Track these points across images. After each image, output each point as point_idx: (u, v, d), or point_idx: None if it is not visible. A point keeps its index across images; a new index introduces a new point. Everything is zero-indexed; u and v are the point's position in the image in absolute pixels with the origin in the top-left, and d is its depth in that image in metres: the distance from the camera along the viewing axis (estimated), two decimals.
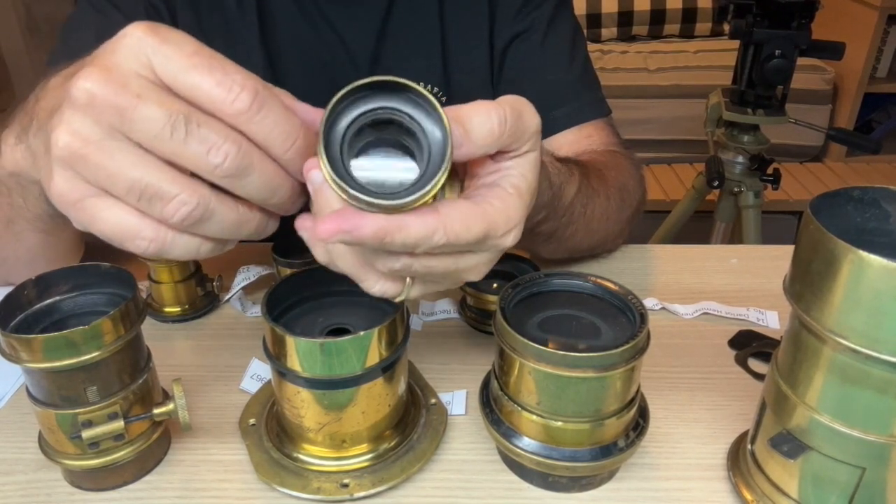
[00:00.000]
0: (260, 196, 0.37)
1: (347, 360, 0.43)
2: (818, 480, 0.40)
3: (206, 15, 0.74)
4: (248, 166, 0.35)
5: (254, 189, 0.36)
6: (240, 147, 0.35)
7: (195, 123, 0.34)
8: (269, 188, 0.37)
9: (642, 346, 0.43)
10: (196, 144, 0.34)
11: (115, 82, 0.34)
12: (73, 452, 0.45)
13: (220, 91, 0.34)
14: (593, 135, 0.77)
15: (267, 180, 0.36)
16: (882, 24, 2.45)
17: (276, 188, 0.37)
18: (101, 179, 0.35)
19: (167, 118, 0.34)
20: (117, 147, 0.35)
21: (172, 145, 0.34)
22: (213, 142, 0.34)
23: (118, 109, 0.34)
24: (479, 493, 0.46)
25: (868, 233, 0.40)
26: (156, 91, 0.34)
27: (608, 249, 0.74)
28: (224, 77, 0.34)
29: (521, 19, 0.78)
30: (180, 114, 0.34)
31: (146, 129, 0.34)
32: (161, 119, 0.34)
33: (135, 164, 0.35)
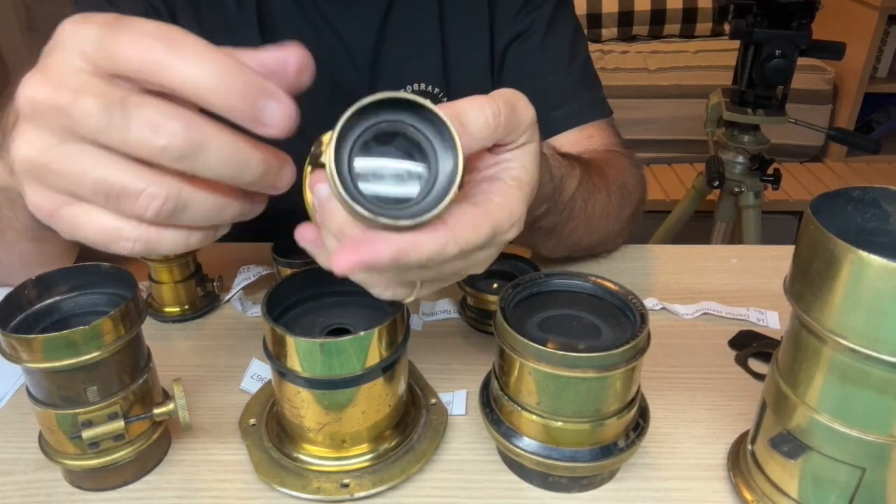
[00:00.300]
0: (228, 174, 0.33)
1: (347, 360, 0.43)
2: (818, 481, 0.40)
3: (206, 15, 0.74)
4: (200, 142, 0.32)
5: (217, 168, 0.33)
6: (186, 123, 0.31)
7: (133, 106, 0.31)
8: (234, 164, 0.33)
9: (642, 346, 0.43)
10: (138, 129, 0.31)
11: (51, 83, 0.32)
12: (73, 452, 0.45)
13: (131, 48, 0.31)
14: (594, 135, 0.77)
15: (227, 155, 0.32)
16: (882, 24, 2.45)
17: (242, 163, 0.33)
18: (67, 186, 0.34)
19: (104, 107, 0.31)
20: (75, 150, 0.33)
21: (115, 135, 0.32)
22: (156, 122, 0.31)
23: (59, 110, 0.32)
24: (479, 493, 0.46)
25: (868, 233, 0.40)
26: (95, 82, 0.32)
27: (608, 249, 0.74)
28: (132, 33, 0.31)
29: (521, 19, 0.78)
30: (116, 99, 0.31)
31: (89, 125, 0.32)
32: (97, 109, 0.31)
33: (94, 164, 0.33)
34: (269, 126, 0.32)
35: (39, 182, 0.34)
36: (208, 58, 0.31)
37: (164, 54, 0.31)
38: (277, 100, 0.32)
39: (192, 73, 0.31)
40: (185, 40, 0.31)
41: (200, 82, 0.31)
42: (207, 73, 0.31)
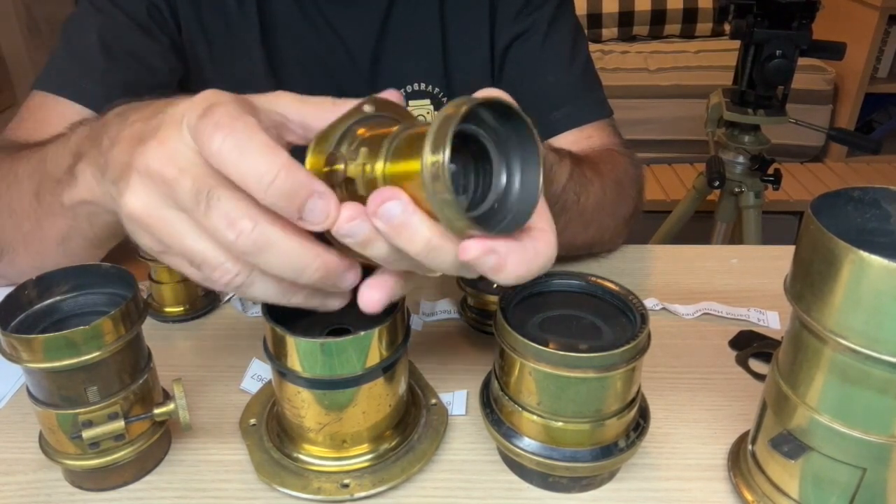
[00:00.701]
0: (288, 275, 0.36)
1: (348, 361, 0.43)
2: (819, 481, 0.40)
3: (207, 14, 0.74)
4: (265, 244, 0.35)
5: (277, 268, 0.36)
6: (255, 223, 0.34)
7: (216, 197, 0.35)
8: (292, 268, 0.36)
9: (643, 346, 0.43)
10: (217, 219, 0.35)
11: (165, 156, 0.36)
12: (73, 452, 0.45)
13: (203, 136, 0.34)
14: (594, 136, 0.77)
15: (287, 260, 0.35)
16: (883, 24, 2.45)
17: (301, 268, 0.36)
18: (165, 243, 0.38)
19: (195, 193, 0.35)
20: (173, 217, 0.37)
21: (200, 217, 0.35)
22: (231, 217, 0.35)
23: (166, 182, 0.36)
24: (479, 493, 0.46)
25: (868, 233, 0.40)
26: (197, 165, 0.35)
27: (607, 248, 0.73)
28: (206, 122, 0.34)
29: (521, 20, 0.78)
30: (206, 187, 0.35)
31: (183, 203, 0.36)
32: (190, 193, 0.35)
33: (185, 235, 0.36)
34: (308, 223, 0.35)
35: (146, 232, 0.38)
36: (259, 154, 0.34)
37: (224, 146, 0.34)
38: (322, 199, 0.34)
39: (245, 169, 0.34)
40: (244, 133, 0.34)
41: (250, 180, 0.34)
42: (255, 169, 0.34)
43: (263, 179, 0.33)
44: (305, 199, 0.34)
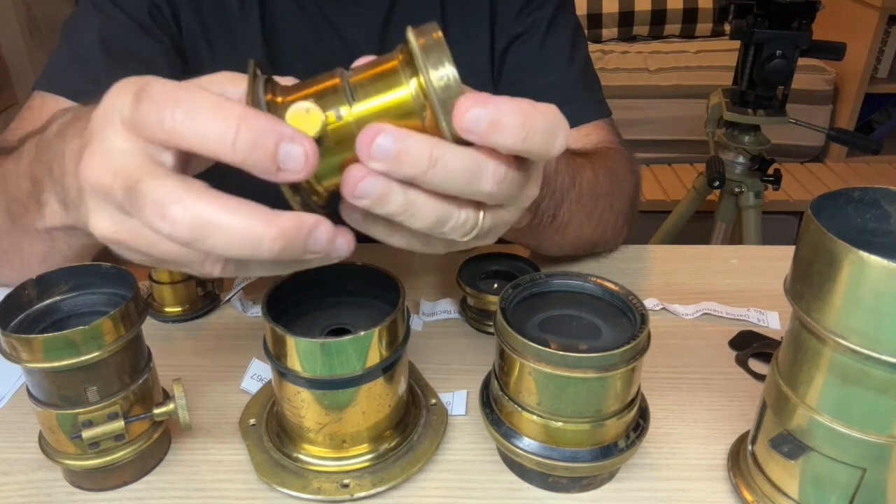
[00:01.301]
0: (244, 253, 0.32)
1: (348, 360, 0.43)
2: (818, 481, 0.40)
3: (208, 14, 0.74)
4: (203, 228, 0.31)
5: (229, 248, 0.31)
6: (185, 207, 0.31)
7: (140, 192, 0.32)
8: (245, 244, 0.31)
9: (643, 346, 0.43)
10: (149, 214, 0.32)
11: (98, 164, 0.33)
12: (73, 452, 0.45)
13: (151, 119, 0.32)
14: (592, 134, 0.77)
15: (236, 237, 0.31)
16: (883, 24, 2.45)
17: (254, 242, 0.31)
18: (146, 254, 0.35)
19: (125, 194, 0.32)
20: (137, 225, 0.34)
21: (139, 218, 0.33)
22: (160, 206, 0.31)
23: (107, 192, 0.33)
24: (479, 493, 0.46)
25: (868, 233, 0.40)
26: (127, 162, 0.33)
27: (609, 247, 0.73)
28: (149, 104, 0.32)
29: (521, 20, 0.78)
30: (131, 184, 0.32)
31: (123, 208, 0.33)
32: (122, 196, 0.33)
33: (155, 241, 0.34)
34: (289, 172, 0.31)
35: (125, 249, 0.36)
36: (211, 112, 0.31)
37: (174, 120, 0.31)
38: (294, 142, 0.31)
39: (203, 133, 0.31)
40: (190, 98, 0.31)
41: (212, 144, 0.31)
42: (217, 131, 0.30)
43: (226, 138, 0.30)
44: (276, 146, 0.30)
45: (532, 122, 0.33)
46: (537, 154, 0.34)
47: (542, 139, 0.34)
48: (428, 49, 0.33)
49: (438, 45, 0.33)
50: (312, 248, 0.33)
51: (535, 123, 0.33)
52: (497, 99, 0.32)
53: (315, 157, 0.31)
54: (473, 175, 0.34)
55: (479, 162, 0.34)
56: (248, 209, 0.31)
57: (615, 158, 0.73)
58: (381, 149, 0.32)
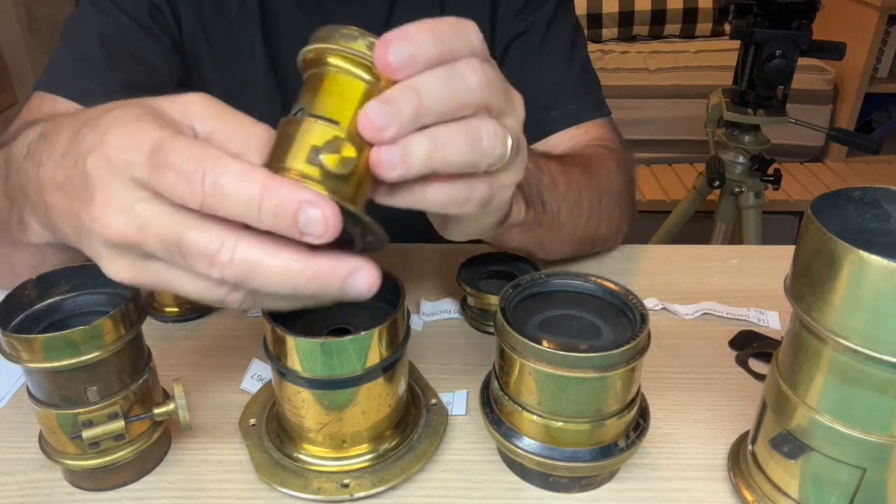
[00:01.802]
0: (284, 293, 0.34)
1: (348, 360, 0.43)
2: (819, 481, 0.40)
3: (209, 15, 0.74)
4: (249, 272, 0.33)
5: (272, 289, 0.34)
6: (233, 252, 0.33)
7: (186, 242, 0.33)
8: (284, 286, 0.33)
9: (643, 346, 0.43)
10: (196, 262, 0.33)
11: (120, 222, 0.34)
12: (73, 452, 0.45)
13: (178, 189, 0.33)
14: (591, 132, 0.77)
15: (277, 279, 0.33)
16: (883, 24, 2.45)
17: (293, 284, 0.33)
18: (167, 288, 0.36)
19: (164, 247, 0.34)
20: (160, 267, 0.35)
21: (181, 266, 0.34)
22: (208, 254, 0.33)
23: (133, 245, 0.34)
24: (479, 493, 0.46)
25: (868, 233, 0.40)
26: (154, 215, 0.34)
27: (606, 243, 0.73)
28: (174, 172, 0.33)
29: (522, 19, 0.78)
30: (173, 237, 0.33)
31: (159, 255, 0.34)
32: (160, 248, 0.34)
33: (177, 279, 0.35)
34: (311, 237, 0.32)
35: (146, 287, 0.37)
36: (237, 179, 0.32)
37: (205, 189, 0.32)
38: (314, 207, 0.32)
39: (230, 205, 0.32)
40: (218, 165, 0.32)
41: (238, 211, 0.32)
42: (242, 201, 0.32)
43: (252, 206, 0.32)
44: (297, 213, 0.32)
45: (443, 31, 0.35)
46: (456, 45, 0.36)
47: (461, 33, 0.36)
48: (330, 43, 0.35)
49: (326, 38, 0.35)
50: (348, 291, 0.34)
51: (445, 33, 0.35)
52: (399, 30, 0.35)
53: (337, 220, 0.32)
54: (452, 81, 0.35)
55: (451, 71, 0.35)
56: (291, 250, 0.33)
57: (594, 156, 0.72)
58: (376, 114, 0.33)
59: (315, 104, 0.35)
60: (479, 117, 0.36)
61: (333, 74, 0.35)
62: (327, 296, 0.35)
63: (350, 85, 0.35)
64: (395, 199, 0.37)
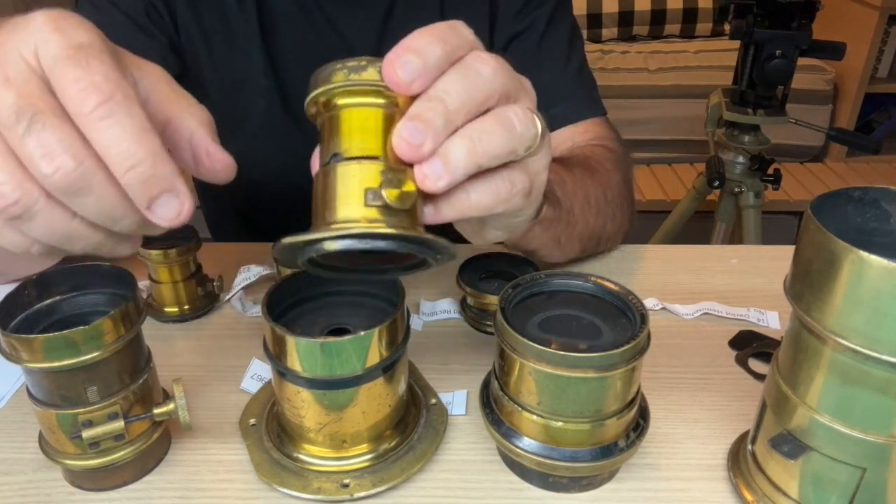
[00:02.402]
0: (99, 221, 0.33)
1: (348, 360, 0.43)
2: (818, 481, 0.40)
3: (206, 14, 0.74)
4: (84, 187, 0.32)
5: (91, 213, 0.33)
6: (79, 164, 0.31)
7: (40, 124, 0.31)
8: (108, 216, 0.33)
9: (643, 346, 0.43)
10: (33, 145, 0.31)
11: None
12: (73, 452, 0.45)
13: (73, 88, 0.31)
14: (589, 130, 0.77)
15: (105, 207, 0.33)
16: (882, 24, 2.45)
17: (117, 217, 0.33)
18: None
19: (16, 108, 0.31)
20: None
21: (12, 137, 0.32)
22: (51, 149, 0.31)
23: None
24: (479, 493, 0.46)
25: (868, 233, 0.40)
26: (29, 80, 0.32)
27: (611, 242, 0.73)
28: (84, 73, 0.31)
29: (520, 19, 0.78)
30: (31, 108, 0.31)
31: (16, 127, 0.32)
32: (11, 107, 0.31)
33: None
34: (156, 216, 0.33)
35: None
36: (133, 134, 0.31)
37: (97, 111, 0.31)
38: (178, 198, 0.33)
39: (112, 140, 0.31)
40: (124, 107, 0.31)
41: (113, 152, 0.31)
42: (124, 148, 0.31)
43: (128, 160, 0.31)
44: (161, 193, 0.32)
45: (441, 33, 0.36)
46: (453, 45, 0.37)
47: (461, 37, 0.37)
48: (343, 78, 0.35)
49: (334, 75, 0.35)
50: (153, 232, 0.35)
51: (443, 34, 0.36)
52: (399, 46, 0.35)
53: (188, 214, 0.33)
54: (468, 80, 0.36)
55: (463, 68, 0.36)
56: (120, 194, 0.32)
57: (592, 155, 0.72)
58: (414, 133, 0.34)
59: (344, 147, 0.35)
60: (502, 104, 0.37)
61: (350, 111, 0.35)
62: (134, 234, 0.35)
63: (371, 116, 0.35)
64: (441, 215, 0.37)
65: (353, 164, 0.34)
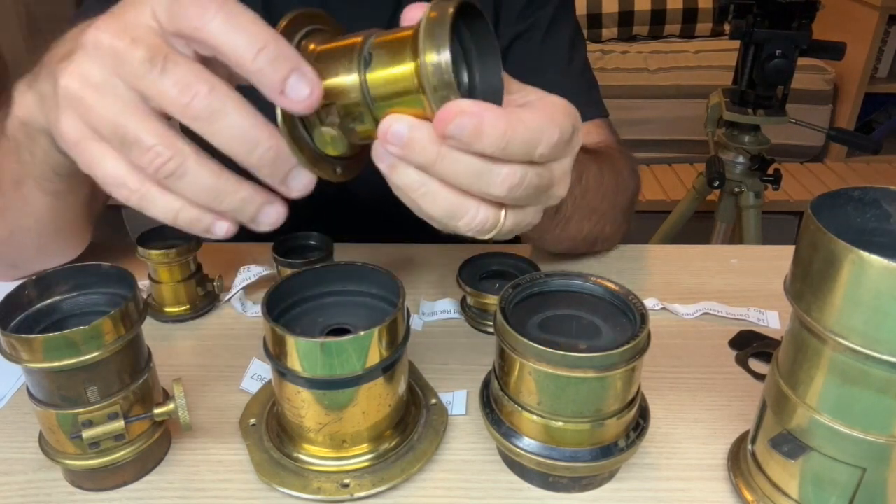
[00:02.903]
0: (238, 148, 0.35)
1: (348, 360, 0.43)
2: (818, 481, 0.40)
3: None
4: (220, 108, 0.34)
5: (230, 138, 0.35)
6: (212, 87, 0.34)
7: (172, 63, 0.35)
8: (246, 139, 0.35)
9: (643, 346, 0.43)
10: (169, 83, 0.34)
11: (119, 28, 0.36)
12: (73, 452, 0.45)
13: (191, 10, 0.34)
14: (592, 132, 0.77)
15: (241, 128, 0.35)
16: (882, 24, 2.45)
17: (254, 141, 0.35)
18: (94, 121, 0.36)
19: (148, 58, 0.35)
20: (112, 91, 0.36)
21: (148, 83, 0.35)
22: (186, 81, 0.34)
23: (115, 52, 0.35)
24: (479, 493, 0.46)
25: (868, 233, 0.40)
26: (154, 36, 0.35)
27: (608, 243, 0.73)
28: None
29: (523, 19, 0.78)
30: (161, 54, 0.35)
31: (132, 70, 0.35)
32: (142, 58, 0.35)
33: (122, 110, 0.36)
34: (291, 100, 0.34)
35: (74, 111, 0.37)
36: (251, 25, 0.34)
37: (216, 17, 0.34)
38: (306, 76, 0.34)
39: (235, 38, 0.34)
40: (236, 8, 0.34)
41: (237, 44, 0.34)
42: (246, 37, 0.34)
43: (253, 46, 0.34)
44: (290, 72, 0.34)
45: (513, 131, 0.35)
46: (521, 158, 0.36)
47: (523, 147, 0.36)
48: (432, 27, 0.34)
49: (441, 25, 0.33)
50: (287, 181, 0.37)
51: (515, 133, 0.35)
52: (481, 108, 0.34)
53: (319, 97, 0.35)
54: (481, 177, 0.36)
55: (484, 166, 0.36)
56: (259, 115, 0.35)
57: (619, 159, 0.73)
58: (395, 135, 0.35)
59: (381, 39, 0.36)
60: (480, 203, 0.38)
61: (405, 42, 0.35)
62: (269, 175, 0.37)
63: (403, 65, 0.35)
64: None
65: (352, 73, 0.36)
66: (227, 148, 0.35)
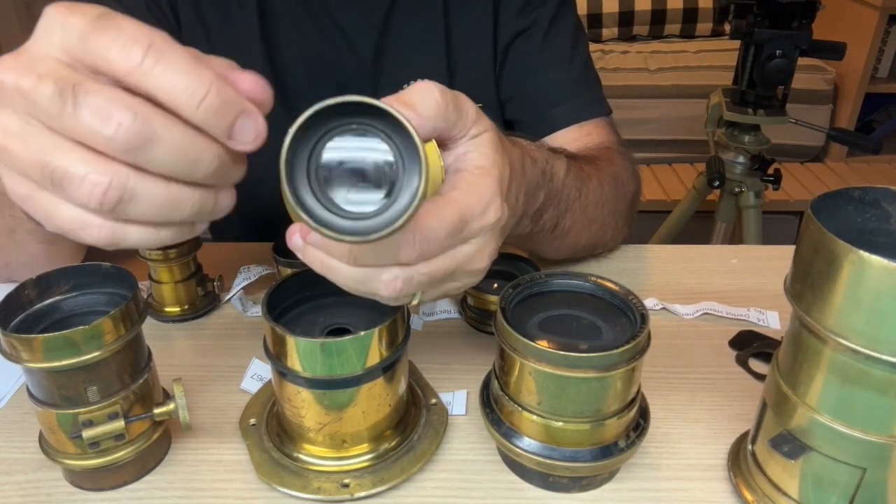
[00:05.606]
0: (179, 169, 0.33)
1: (348, 360, 0.43)
2: (819, 481, 0.40)
3: (208, 10, 0.74)
4: (150, 135, 0.31)
5: (168, 162, 0.32)
6: (136, 114, 0.31)
7: (83, 92, 0.31)
8: (185, 159, 0.32)
9: (643, 346, 0.43)
10: (87, 115, 0.31)
11: (21, 66, 0.32)
12: (73, 452, 0.45)
13: (113, 49, 0.31)
14: (593, 132, 0.77)
15: (179, 149, 0.32)
16: (883, 24, 2.45)
17: (195, 158, 0.33)
18: (25, 170, 0.33)
19: (58, 92, 0.31)
20: (31, 133, 0.32)
21: (66, 121, 0.31)
22: (104, 110, 0.31)
23: (22, 94, 0.32)
24: (479, 493, 0.46)
25: (868, 233, 0.40)
26: (60, 68, 0.32)
27: (608, 247, 0.73)
28: (117, 33, 0.31)
29: (524, 16, 0.78)
30: (70, 84, 0.31)
31: (43, 108, 0.32)
32: (52, 93, 0.31)
33: (43, 149, 0.32)
34: (238, 143, 0.33)
35: (6, 166, 0.34)
36: (188, 69, 0.31)
37: (146, 61, 0.31)
38: (251, 118, 0.33)
39: (171, 83, 0.31)
40: (168, 49, 0.31)
41: (177, 93, 0.31)
42: (186, 85, 0.31)
43: (195, 94, 0.31)
44: (237, 117, 0.32)
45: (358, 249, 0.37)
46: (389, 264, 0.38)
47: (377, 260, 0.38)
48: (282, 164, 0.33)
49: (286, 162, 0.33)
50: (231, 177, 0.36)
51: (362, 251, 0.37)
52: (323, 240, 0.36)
53: (263, 137, 0.34)
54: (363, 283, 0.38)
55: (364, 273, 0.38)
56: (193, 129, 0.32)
57: (619, 163, 0.72)
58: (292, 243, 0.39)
59: None
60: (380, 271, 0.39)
61: None
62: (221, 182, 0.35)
63: None
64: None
65: None
66: (170, 171, 0.33)
